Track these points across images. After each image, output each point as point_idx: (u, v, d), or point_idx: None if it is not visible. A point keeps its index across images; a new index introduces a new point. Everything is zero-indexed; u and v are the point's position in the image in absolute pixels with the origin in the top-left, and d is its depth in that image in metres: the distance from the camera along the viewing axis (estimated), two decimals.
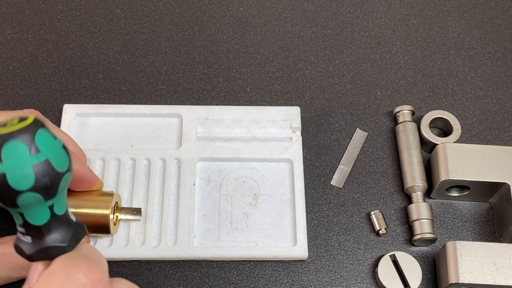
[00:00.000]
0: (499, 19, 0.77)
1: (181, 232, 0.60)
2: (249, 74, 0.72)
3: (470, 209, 0.65)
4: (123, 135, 0.65)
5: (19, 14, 0.75)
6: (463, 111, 0.70)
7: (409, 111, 0.67)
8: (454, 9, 0.77)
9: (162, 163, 0.64)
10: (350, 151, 0.67)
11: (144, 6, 0.77)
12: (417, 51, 0.74)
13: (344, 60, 0.73)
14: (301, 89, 0.71)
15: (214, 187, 0.63)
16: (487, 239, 0.63)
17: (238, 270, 0.61)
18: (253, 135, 0.66)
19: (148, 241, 0.60)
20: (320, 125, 0.69)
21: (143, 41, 0.74)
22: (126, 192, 0.63)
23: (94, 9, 0.76)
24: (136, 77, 0.71)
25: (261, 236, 0.61)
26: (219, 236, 0.61)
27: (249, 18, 0.76)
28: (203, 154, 0.64)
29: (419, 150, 0.66)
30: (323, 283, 0.61)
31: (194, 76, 0.72)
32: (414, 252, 0.62)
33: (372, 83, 0.72)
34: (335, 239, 0.63)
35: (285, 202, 0.63)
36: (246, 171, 0.64)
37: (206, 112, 0.66)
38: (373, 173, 0.66)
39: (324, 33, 0.75)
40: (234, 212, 0.62)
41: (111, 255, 0.60)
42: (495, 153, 0.62)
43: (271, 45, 0.74)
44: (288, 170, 0.65)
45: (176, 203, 0.62)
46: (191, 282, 0.60)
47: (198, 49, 0.74)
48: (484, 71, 0.73)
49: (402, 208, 0.65)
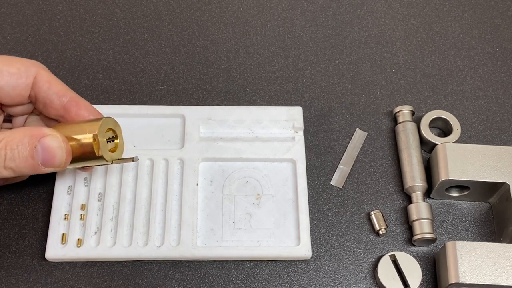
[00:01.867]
0: (499, 19, 0.77)
1: (185, 232, 0.60)
2: (249, 74, 0.72)
3: (470, 209, 0.65)
4: (125, 136, 0.64)
5: (19, 14, 0.75)
6: (463, 111, 0.70)
7: (409, 111, 0.68)
8: (454, 9, 0.78)
9: (165, 164, 0.64)
10: (350, 151, 0.67)
11: (144, 6, 0.77)
12: (417, 51, 0.74)
13: (344, 60, 0.73)
14: (301, 89, 0.71)
15: (217, 187, 0.64)
16: (487, 239, 0.64)
17: (238, 270, 0.61)
18: (255, 135, 0.66)
19: (151, 241, 0.60)
20: (320, 125, 0.69)
21: (143, 41, 0.74)
22: (129, 192, 0.63)
23: (94, 9, 0.76)
24: (136, 77, 0.71)
25: (264, 236, 0.61)
26: (223, 236, 0.61)
27: (249, 18, 0.76)
28: (206, 154, 0.64)
29: (419, 150, 0.66)
30: (323, 283, 0.61)
31: (194, 76, 0.72)
32: (414, 252, 0.63)
33: (372, 83, 0.72)
34: (335, 239, 0.63)
35: (288, 202, 0.63)
36: (249, 171, 0.64)
37: (208, 113, 0.66)
38: (373, 173, 0.67)
39: (324, 33, 0.75)
40: (237, 212, 0.62)
41: (114, 255, 0.60)
42: (495, 153, 0.63)
43: (271, 45, 0.74)
44: (290, 170, 0.65)
45: (179, 203, 0.62)
46: (191, 282, 0.61)
47: (198, 49, 0.74)
48: (484, 71, 0.73)
49: (402, 208, 0.65)
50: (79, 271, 0.60)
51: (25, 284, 0.60)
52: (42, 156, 0.52)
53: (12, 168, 0.52)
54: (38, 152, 0.52)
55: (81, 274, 0.60)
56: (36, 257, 0.61)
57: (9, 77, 0.56)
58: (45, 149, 0.52)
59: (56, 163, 0.53)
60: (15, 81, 0.57)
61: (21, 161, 0.51)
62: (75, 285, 0.60)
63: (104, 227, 0.61)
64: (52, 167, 0.53)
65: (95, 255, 0.60)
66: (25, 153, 0.51)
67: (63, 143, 0.53)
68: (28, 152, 0.51)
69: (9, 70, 0.56)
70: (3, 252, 0.61)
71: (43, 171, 0.53)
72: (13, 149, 0.51)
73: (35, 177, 0.64)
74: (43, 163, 0.52)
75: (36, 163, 0.52)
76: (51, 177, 0.64)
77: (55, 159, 0.53)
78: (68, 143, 0.54)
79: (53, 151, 0.52)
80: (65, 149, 0.53)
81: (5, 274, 0.60)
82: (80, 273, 0.60)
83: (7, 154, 0.51)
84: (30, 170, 0.52)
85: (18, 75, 0.57)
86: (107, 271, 0.61)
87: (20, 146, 0.51)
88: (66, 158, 0.53)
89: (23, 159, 0.51)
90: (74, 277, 0.60)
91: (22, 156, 0.51)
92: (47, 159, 0.52)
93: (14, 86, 0.57)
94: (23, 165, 0.52)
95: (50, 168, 0.53)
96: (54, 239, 0.60)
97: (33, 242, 0.62)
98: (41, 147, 0.52)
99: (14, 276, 0.60)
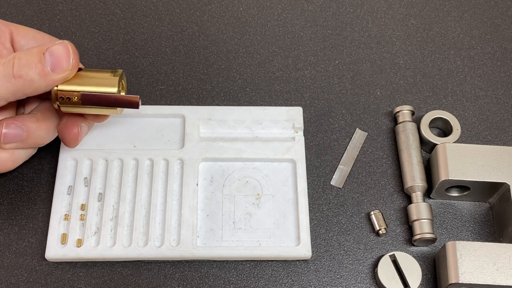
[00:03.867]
0: (499, 19, 0.77)
1: (185, 232, 0.60)
2: (249, 74, 0.72)
3: (470, 209, 0.65)
4: (126, 136, 0.65)
5: (19, 14, 0.75)
6: (463, 111, 0.70)
7: (409, 111, 0.68)
8: (454, 9, 0.78)
9: (165, 164, 0.64)
10: (350, 151, 0.68)
11: (144, 6, 0.77)
12: (417, 51, 0.74)
13: (344, 60, 0.73)
14: (301, 89, 0.71)
15: (217, 187, 0.64)
16: (487, 239, 0.64)
17: (238, 270, 0.61)
18: (255, 135, 0.66)
19: (151, 241, 0.60)
20: (320, 125, 0.69)
21: (143, 41, 0.74)
22: (129, 192, 0.63)
23: (94, 9, 0.76)
24: (136, 77, 0.71)
25: (264, 236, 0.61)
26: (223, 236, 0.61)
27: (249, 18, 0.76)
28: (206, 154, 0.64)
29: (419, 150, 0.66)
30: (323, 283, 0.61)
31: (194, 76, 0.72)
32: (414, 252, 0.63)
33: (372, 83, 0.72)
34: (335, 239, 0.63)
35: (288, 202, 0.63)
36: (249, 171, 0.65)
37: (208, 113, 0.66)
38: (373, 173, 0.67)
39: (324, 33, 0.75)
40: (237, 212, 0.62)
41: (114, 255, 0.60)
42: (495, 153, 0.63)
43: (271, 45, 0.74)
44: (290, 170, 0.65)
45: (179, 203, 0.62)
46: (191, 282, 0.61)
47: (198, 49, 0.74)
48: (484, 71, 0.73)
49: (402, 208, 0.65)
50: (79, 271, 0.60)
51: (25, 284, 0.60)
52: (51, 61, 0.53)
53: (22, 77, 0.53)
54: (46, 58, 0.53)
55: (81, 274, 0.60)
56: (36, 257, 0.61)
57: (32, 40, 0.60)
58: (53, 54, 0.53)
59: (65, 65, 0.54)
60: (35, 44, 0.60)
61: (30, 67, 0.53)
62: (75, 285, 0.60)
63: (104, 227, 0.61)
64: (62, 71, 0.54)
65: (95, 255, 0.60)
66: (34, 60, 0.53)
67: (71, 47, 0.54)
68: (37, 59, 0.53)
69: (34, 35, 0.61)
70: (3, 252, 0.61)
71: (54, 78, 0.54)
72: (21, 58, 0.53)
73: (35, 177, 0.64)
74: (52, 68, 0.53)
75: (46, 69, 0.53)
76: (51, 177, 0.64)
77: (63, 61, 0.54)
78: (75, 48, 0.55)
79: (60, 55, 0.54)
80: (72, 52, 0.54)
81: (5, 274, 0.60)
82: (80, 273, 0.60)
83: (15, 62, 0.53)
84: (41, 78, 0.53)
85: (41, 40, 0.61)
86: (107, 271, 0.61)
87: (29, 55, 0.53)
88: (74, 60, 0.55)
89: (32, 64, 0.53)
90: (74, 277, 0.60)
91: (31, 62, 0.53)
92: (55, 63, 0.54)
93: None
94: (33, 72, 0.53)
95: (60, 73, 0.54)
96: (54, 239, 0.60)
97: (33, 242, 0.62)
98: (49, 53, 0.53)
99: (14, 276, 0.60)
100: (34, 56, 0.53)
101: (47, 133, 0.59)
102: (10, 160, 0.59)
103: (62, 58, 0.54)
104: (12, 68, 0.52)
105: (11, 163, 0.59)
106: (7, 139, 0.57)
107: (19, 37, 0.60)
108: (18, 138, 0.57)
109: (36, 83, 0.53)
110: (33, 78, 0.53)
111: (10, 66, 0.52)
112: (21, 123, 0.57)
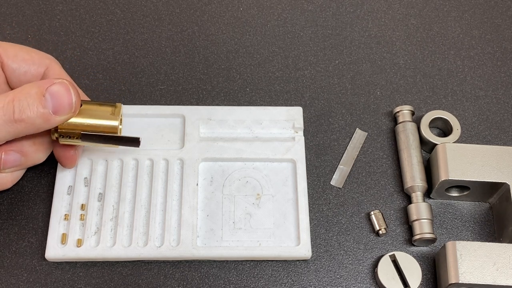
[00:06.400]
0: (499, 19, 0.77)
1: (185, 232, 0.60)
2: (249, 74, 0.72)
3: (470, 209, 0.65)
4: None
5: (19, 14, 0.75)
6: (463, 111, 0.70)
7: (409, 111, 0.68)
8: (454, 9, 0.78)
9: (165, 164, 0.64)
10: (350, 151, 0.68)
11: (143, 6, 0.77)
12: (417, 51, 0.74)
13: (344, 60, 0.73)
14: (301, 89, 0.71)
15: (217, 187, 0.64)
16: (487, 239, 0.64)
17: (238, 270, 0.61)
18: (255, 135, 0.66)
19: (151, 241, 0.60)
20: (320, 125, 0.69)
21: (143, 41, 0.74)
22: (129, 192, 0.63)
23: (94, 9, 0.76)
24: (136, 77, 0.71)
25: (264, 236, 0.61)
26: (223, 236, 0.61)
27: (249, 18, 0.76)
28: (206, 154, 0.64)
29: (419, 150, 0.66)
30: (323, 283, 0.61)
31: (194, 76, 0.72)
32: (414, 252, 0.63)
33: (372, 83, 0.72)
34: (335, 239, 0.63)
35: (288, 202, 0.63)
36: (249, 171, 0.65)
37: (208, 113, 0.66)
38: (373, 173, 0.67)
39: (324, 33, 0.75)
40: (237, 212, 0.62)
41: (114, 255, 0.60)
42: (495, 153, 0.63)
43: (271, 45, 0.74)
44: (290, 170, 0.65)
45: (179, 203, 0.62)
46: (191, 282, 0.61)
47: (198, 49, 0.74)
48: (484, 71, 0.73)
49: (402, 208, 0.65)
50: (79, 271, 0.60)
51: (25, 284, 0.60)
52: (52, 103, 0.53)
53: (24, 121, 0.52)
54: (47, 100, 0.52)
55: (81, 274, 0.60)
56: (36, 257, 0.61)
57: (23, 62, 0.58)
58: (54, 96, 0.53)
59: (67, 107, 0.53)
60: (27, 67, 0.58)
61: (32, 111, 0.52)
62: (75, 285, 0.60)
63: (104, 227, 0.61)
64: (64, 113, 0.54)
65: (95, 255, 0.60)
66: (34, 103, 0.52)
67: (71, 86, 0.54)
68: (37, 102, 0.52)
69: (24, 56, 0.58)
70: (3, 252, 0.61)
71: (56, 120, 0.53)
72: (21, 100, 0.52)
73: (35, 176, 0.64)
74: (54, 111, 0.53)
75: (47, 112, 0.52)
76: (51, 177, 0.64)
77: (65, 103, 0.53)
78: (76, 87, 0.54)
79: (61, 96, 0.53)
80: (73, 91, 0.54)
81: (5, 274, 0.60)
82: (80, 273, 0.60)
83: (15, 106, 0.52)
84: (43, 121, 0.53)
85: (31, 62, 0.59)
86: (107, 271, 0.61)
87: (28, 97, 0.52)
88: (76, 101, 0.54)
89: (33, 109, 0.52)
90: (74, 277, 0.60)
91: (31, 105, 0.52)
92: (57, 105, 0.53)
93: (25, 71, 0.58)
94: (35, 115, 0.52)
95: (62, 115, 0.53)
96: (54, 239, 0.60)
97: (33, 242, 0.62)
98: (49, 94, 0.52)
99: (14, 276, 0.60)
100: (34, 98, 0.52)
101: (44, 154, 0.60)
102: (9, 180, 0.59)
103: (63, 100, 0.53)
104: (12, 112, 0.51)
105: (10, 182, 0.60)
106: (6, 165, 0.57)
107: (10, 60, 0.59)
108: (17, 163, 0.58)
109: (38, 125, 0.53)
110: (35, 122, 0.52)
111: (10, 110, 0.51)
112: (19, 148, 0.57)
